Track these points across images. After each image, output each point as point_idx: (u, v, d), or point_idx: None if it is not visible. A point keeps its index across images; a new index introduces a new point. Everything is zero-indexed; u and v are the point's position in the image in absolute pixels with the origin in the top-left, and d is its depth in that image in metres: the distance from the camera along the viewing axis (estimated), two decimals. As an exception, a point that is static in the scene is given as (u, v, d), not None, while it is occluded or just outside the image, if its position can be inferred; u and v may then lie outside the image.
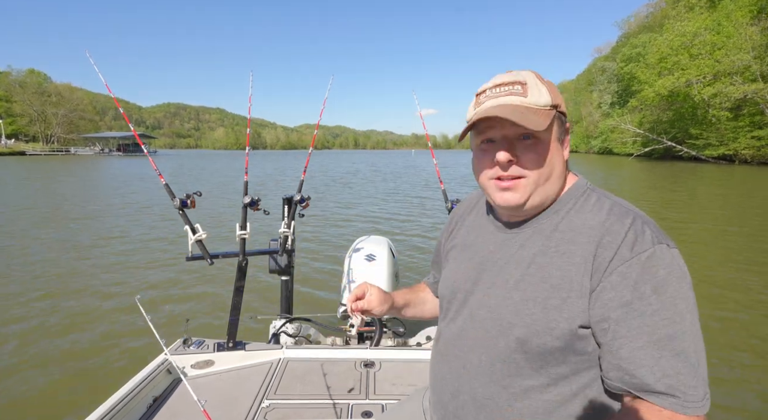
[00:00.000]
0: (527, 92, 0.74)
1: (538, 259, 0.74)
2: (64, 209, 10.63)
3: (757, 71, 30.52)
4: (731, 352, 3.26)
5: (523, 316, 0.72)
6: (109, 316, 3.98)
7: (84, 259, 5.98)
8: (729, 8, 33.63)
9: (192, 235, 1.62)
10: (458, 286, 0.86)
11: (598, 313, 0.67)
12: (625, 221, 0.69)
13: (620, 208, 0.72)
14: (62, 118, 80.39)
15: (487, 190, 0.80)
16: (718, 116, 33.61)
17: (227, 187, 16.72)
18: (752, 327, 3.70)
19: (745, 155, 31.09)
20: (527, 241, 0.77)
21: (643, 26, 56.78)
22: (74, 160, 46.45)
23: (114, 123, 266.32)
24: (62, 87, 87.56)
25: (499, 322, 0.75)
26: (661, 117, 42.63)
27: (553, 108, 0.75)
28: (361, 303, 0.99)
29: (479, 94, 0.79)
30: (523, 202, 0.75)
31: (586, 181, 0.81)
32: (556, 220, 0.76)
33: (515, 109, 0.72)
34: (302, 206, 1.95)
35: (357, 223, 8.99)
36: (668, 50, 36.63)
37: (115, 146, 78.83)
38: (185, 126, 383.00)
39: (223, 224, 8.40)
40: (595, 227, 0.70)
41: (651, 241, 0.66)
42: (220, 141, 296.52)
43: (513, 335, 0.73)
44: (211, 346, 1.81)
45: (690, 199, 12.60)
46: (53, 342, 3.48)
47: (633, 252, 0.66)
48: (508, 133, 0.74)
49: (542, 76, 0.78)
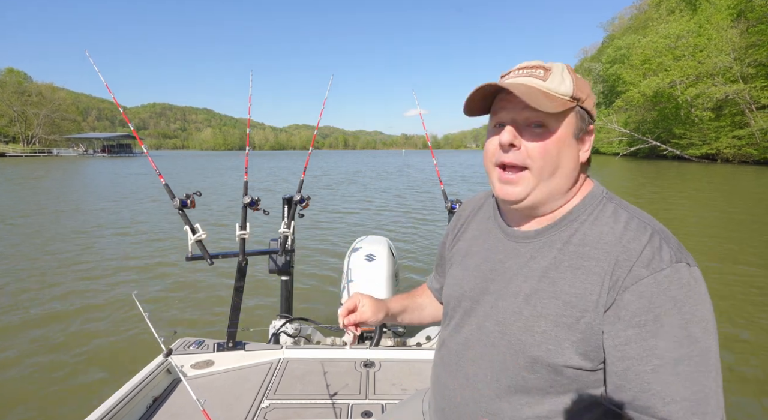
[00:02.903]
0: (548, 77, 0.71)
1: (550, 273, 0.71)
2: (63, 210, 10.50)
3: (737, 72, 31.38)
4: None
5: (534, 333, 0.70)
6: (109, 317, 3.96)
7: (84, 260, 5.94)
8: (709, 11, 34.51)
9: (192, 235, 1.61)
10: (464, 293, 0.83)
11: (610, 333, 0.65)
12: (642, 238, 0.65)
13: (638, 222, 0.68)
14: (44, 118, 78.37)
15: (490, 176, 0.78)
16: (700, 116, 34.48)
17: (224, 188, 16.59)
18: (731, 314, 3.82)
19: (726, 154, 31.90)
20: (538, 252, 0.74)
21: (627, 28, 57.85)
22: (58, 161, 45.43)
23: (98, 123, 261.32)
24: (43, 87, 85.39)
25: (508, 338, 0.72)
26: (646, 117, 43.54)
27: (573, 99, 0.71)
28: (353, 316, 0.94)
29: (503, 76, 0.77)
30: (524, 197, 0.73)
31: (603, 188, 0.77)
32: (569, 232, 0.72)
33: (528, 88, 0.69)
34: (302, 206, 1.96)
35: (357, 223, 9.00)
36: (652, 52, 37.43)
37: (99, 147, 77.18)
38: (171, 126, 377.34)
39: (222, 225, 8.35)
40: (611, 243, 0.67)
41: (669, 259, 0.63)
42: (207, 142, 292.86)
43: (523, 353, 0.71)
44: (211, 346, 1.81)
45: (677, 194, 12.92)
46: (53, 342, 3.47)
47: (649, 270, 0.63)
48: (518, 117, 0.71)
49: (575, 71, 0.75)
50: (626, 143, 45.01)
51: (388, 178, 22.21)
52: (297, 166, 34.46)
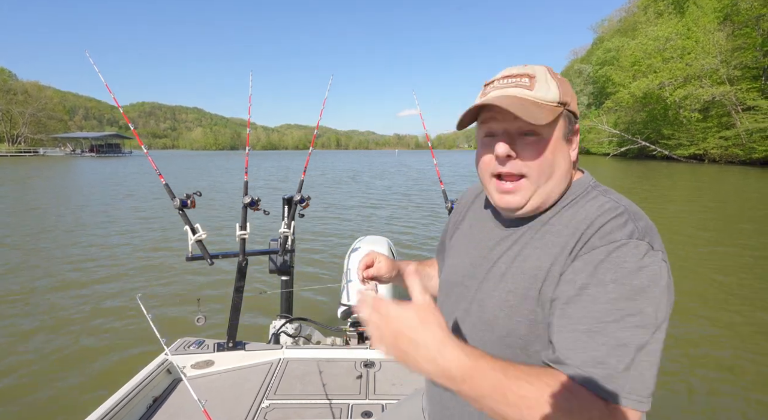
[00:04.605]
0: (534, 86, 0.72)
1: (524, 252, 0.73)
2: (61, 209, 10.47)
3: (724, 74, 31.99)
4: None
5: (504, 308, 0.72)
6: (108, 317, 3.96)
7: (84, 260, 5.94)
8: (696, 14, 35.12)
9: (192, 235, 1.61)
10: (457, 279, 0.86)
11: (554, 295, 0.65)
12: (610, 215, 0.66)
13: (612, 203, 0.69)
14: (29, 117, 76.97)
15: (487, 187, 0.78)
16: (688, 117, 35.06)
17: (223, 188, 16.49)
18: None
19: (713, 155, 32.44)
20: (521, 236, 0.77)
21: (616, 30, 58.58)
22: (46, 161, 44.72)
23: (85, 123, 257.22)
24: (29, 85, 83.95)
25: (486, 316, 0.75)
26: (635, 118, 44.12)
27: (560, 105, 0.72)
28: (371, 270, 0.99)
29: (487, 85, 0.77)
30: (523, 204, 0.74)
31: (591, 178, 0.79)
32: (549, 215, 0.75)
33: (517, 101, 0.70)
34: (302, 206, 1.96)
35: (357, 223, 9.02)
36: (642, 54, 37.98)
37: (87, 147, 75.94)
38: (161, 126, 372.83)
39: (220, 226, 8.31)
40: (581, 220, 0.69)
41: (629, 235, 0.63)
42: (198, 141, 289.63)
43: (498, 328, 0.72)
44: (211, 346, 1.80)
45: (666, 192, 13.14)
46: (52, 342, 3.46)
47: (603, 241, 0.63)
48: (510, 128, 0.72)
49: (556, 73, 0.76)
50: (616, 144, 45.57)
51: (387, 178, 22.28)
52: (295, 166, 34.43)
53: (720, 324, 3.76)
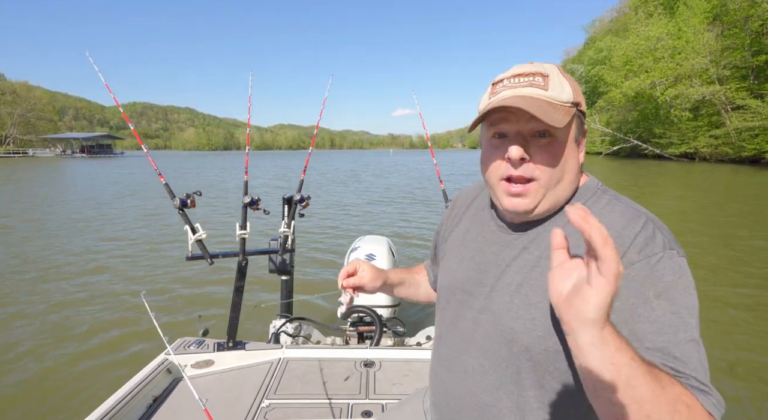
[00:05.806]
0: (548, 85, 0.69)
1: (542, 263, 0.70)
2: (60, 210, 10.40)
3: (713, 74, 32.38)
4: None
5: (524, 321, 0.69)
6: (108, 317, 3.95)
7: (83, 259, 5.93)
8: (686, 15, 35.52)
9: (192, 235, 1.60)
10: (458, 285, 0.83)
11: None
12: (635, 225, 0.65)
13: (632, 211, 0.68)
14: (18, 117, 76.03)
15: (494, 190, 0.75)
16: (679, 116, 35.46)
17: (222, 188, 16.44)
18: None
19: (704, 153, 32.81)
20: (531, 243, 0.74)
21: (607, 31, 59.09)
22: (36, 162, 44.16)
23: (75, 123, 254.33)
24: (18, 85, 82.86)
25: (501, 328, 0.72)
26: (627, 117, 44.54)
27: (573, 106, 0.70)
28: (352, 279, 0.95)
29: (496, 84, 0.74)
30: (533, 207, 0.71)
31: (597, 181, 0.77)
32: (561, 223, 0.72)
33: (535, 101, 0.67)
34: (302, 206, 1.96)
35: (356, 223, 9.02)
36: (633, 54, 38.35)
37: (77, 147, 75.03)
38: (153, 126, 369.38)
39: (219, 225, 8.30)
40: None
41: (663, 246, 0.63)
42: (190, 142, 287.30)
43: (515, 342, 0.70)
44: (211, 346, 1.80)
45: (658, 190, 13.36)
46: (52, 342, 3.45)
47: (641, 255, 0.62)
48: (523, 129, 0.69)
49: (564, 71, 0.74)
50: (608, 142, 45.96)
51: (386, 177, 22.29)
52: (294, 166, 34.36)
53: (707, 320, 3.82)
